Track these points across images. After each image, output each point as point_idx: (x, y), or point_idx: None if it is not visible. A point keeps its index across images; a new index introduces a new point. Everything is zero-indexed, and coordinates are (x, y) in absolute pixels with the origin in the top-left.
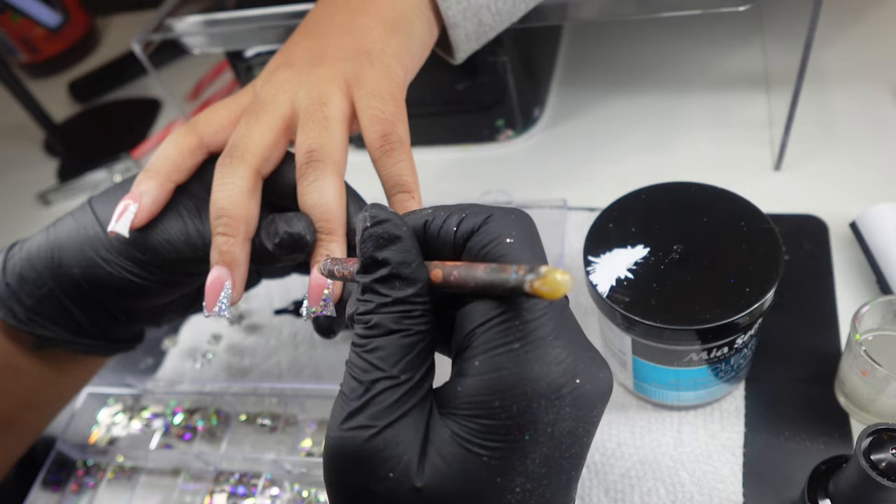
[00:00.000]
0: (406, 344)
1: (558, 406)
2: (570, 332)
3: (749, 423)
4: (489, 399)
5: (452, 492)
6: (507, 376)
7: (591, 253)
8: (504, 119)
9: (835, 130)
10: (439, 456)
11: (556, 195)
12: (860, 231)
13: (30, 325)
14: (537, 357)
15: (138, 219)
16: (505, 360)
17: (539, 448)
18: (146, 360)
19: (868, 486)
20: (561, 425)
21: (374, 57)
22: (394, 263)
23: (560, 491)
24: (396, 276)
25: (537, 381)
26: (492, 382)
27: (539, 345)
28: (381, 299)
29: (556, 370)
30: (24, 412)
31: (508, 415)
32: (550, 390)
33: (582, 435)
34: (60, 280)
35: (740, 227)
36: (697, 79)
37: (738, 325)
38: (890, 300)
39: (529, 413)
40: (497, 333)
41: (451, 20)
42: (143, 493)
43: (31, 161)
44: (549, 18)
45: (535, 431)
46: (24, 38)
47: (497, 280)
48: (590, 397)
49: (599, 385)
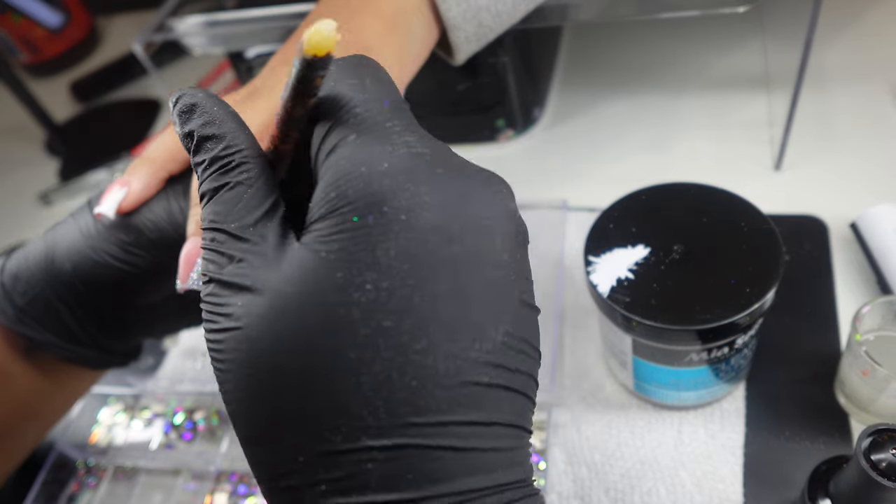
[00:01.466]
0: (230, 197)
1: (412, 192)
2: (430, 138)
3: (749, 423)
4: (327, 194)
5: (289, 291)
6: (343, 164)
7: (591, 253)
8: (504, 119)
9: (835, 130)
10: (281, 267)
11: (556, 195)
12: (860, 231)
13: (19, 326)
14: (379, 139)
15: (126, 202)
16: (341, 153)
17: (392, 238)
18: (147, 360)
19: (868, 486)
20: (423, 216)
21: (373, 54)
22: (197, 128)
23: (450, 303)
24: (205, 138)
25: (377, 160)
26: (330, 178)
27: (382, 132)
28: (202, 169)
29: (405, 152)
30: (18, 422)
31: (344, 200)
32: (397, 170)
33: (474, 248)
34: (53, 278)
35: (740, 228)
36: (697, 79)
37: (739, 326)
38: (890, 300)
39: (370, 194)
40: (333, 138)
41: (451, 22)
42: (143, 492)
43: (33, 161)
44: (549, 19)
45: (381, 216)
46: (25, 39)
47: (290, 81)
48: (465, 194)
49: (480, 181)
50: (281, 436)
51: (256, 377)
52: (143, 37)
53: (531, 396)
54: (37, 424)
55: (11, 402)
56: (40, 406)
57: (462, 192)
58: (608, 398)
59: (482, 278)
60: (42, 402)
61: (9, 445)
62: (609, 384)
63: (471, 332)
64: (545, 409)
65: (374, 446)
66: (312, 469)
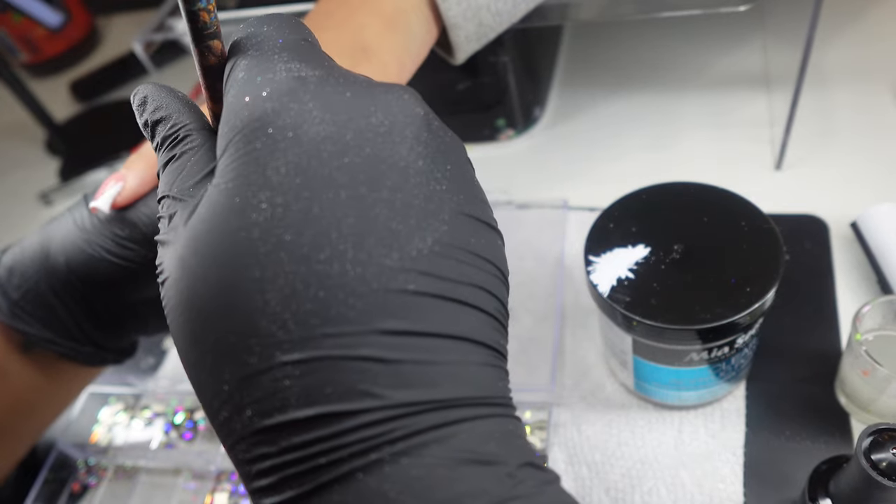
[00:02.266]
0: (176, 167)
1: (297, 110)
2: (325, 66)
3: (750, 422)
4: (221, 130)
5: (199, 229)
6: (230, 99)
7: (591, 253)
8: (505, 119)
9: (835, 130)
10: (196, 211)
11: (556, 195)
12: (861, 231)
13: (13, 320)
14: (263, 69)
15: (122, 197)
16: (230, 89)
17: (280, 155)
18: (147, 360)
19: (869, 485)
20: (311, 130)
21: (372, 53)
22: (149, 116)
23: (352, 212)
24: (156, 123)
25: (259, 87)
26: (223, 115)
27: (268, 63)
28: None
29: (286, 76)
30: (14, 420)
31: (234, 131)
32: (280, 92)
33: (374, 154)
34: (47, 272)
35: (741, 227)
36: (697, 78)
37: (739, 325)
38: (891, 300)
39: (254, 120)
40: (229, 80)
41: (451, 21)
42: (144, 492)
43: (33, 161)
44: (549, 19)
45: (266, 137)
46: (25, 38)
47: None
48: (359, 105)
49: (377, 93)
50: (209, 369)
51: (184, 317)
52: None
53: (490, 312)
54: (34, 422)
55: (8, 399)
56: (37, 403)
57: (356, 103)
58: (608, 398)
59: (389, 185)
60: (38, 399)
61: (6, 444)
62: (609, 384)
63: (383, 238)
64: (545, 408)
65: (288, 361)
66: (238, 395)
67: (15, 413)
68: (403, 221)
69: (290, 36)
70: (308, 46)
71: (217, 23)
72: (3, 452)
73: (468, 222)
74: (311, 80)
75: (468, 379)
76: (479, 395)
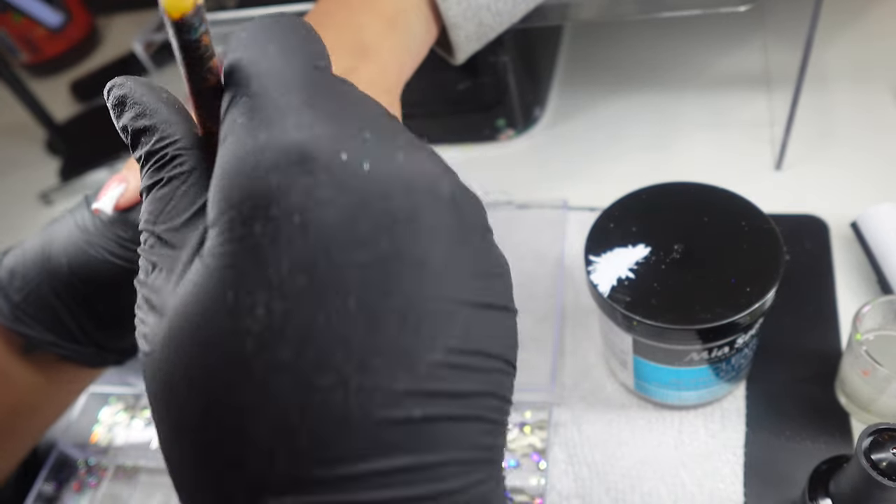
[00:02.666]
0: (163, 195)
1: (306, 185)
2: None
3: (750, 422)
4: (214, 195)
5: (183, 314)
6: (226, 158)
7: (591, 253)
8: (505, 119)
9: (835, 130)
10: (183, 280)
11: (556, 195)
12: (861, 231)
13: (15, 323)
14: (267, 121)
15: (124, 199)
16: (227, 143)
17: (285, 249)
18: None
19: (869, 485)
20: (320, 216)
21: (371, 52)
22: (129, 122)
23: (362, 324)
24: (138, 132)
25: (261, 151)
26: (216, 176)
27: (274, 111)
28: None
29: (295, 136)
30: (16, 420)
31: (228, 203)
32: (286, 160)
33: (392, 249)
34: (49, 274)
35: (741, 227)
36: (697, 79)
37: (739, 325)
38: (891, 300)
39: (254, 196)
40: (225, 123)
41: (451, 21)
42: (144, 492)
43: (33, 161)
44: (549, 18)
45: (267, 221)
46: (25, 38)
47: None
48: (377, 181)
49: (396, 167)
50: (189, 482)
51: (164, 409)
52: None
53: (495, 418)
54: (35, 423)
55: (9, 400)
56: (38, 404)
57: (375, 178)
58: (609, 398)
59: (404, 289)
60: (40, 400)
61: (7, 444)
62: (609, 384)
63: (392, 357)
64: (545, 408)
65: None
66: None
67: (16, 414)
68: (415, 333)
69: (299, 63)
70: (319, 77)
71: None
72: (5, 453)
73: (484, 317)
74: (324, 144)
75: (482, 498)
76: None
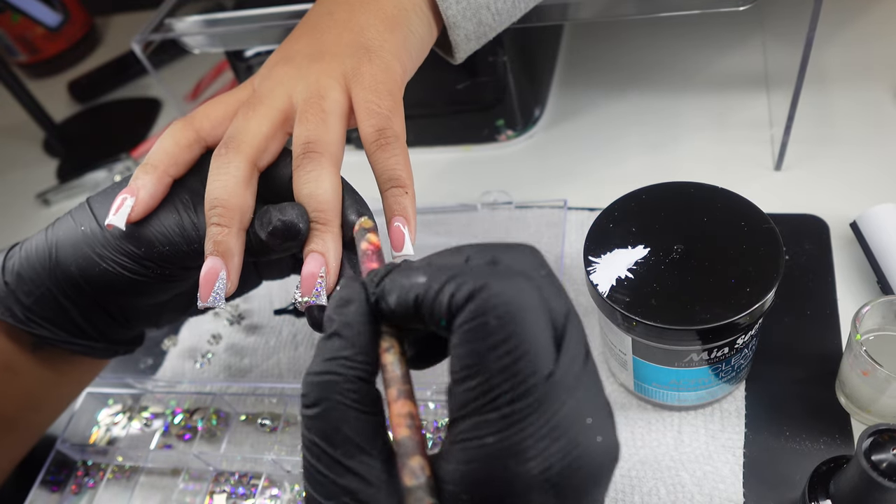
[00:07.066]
0: (337, 418)
1: (540, 499)
2: (569, 409)
3: (750, 423)
4: (460, 491)
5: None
6: (478, 472)
7: (591, 253)
8: (504, 119)
9: (835, 130)
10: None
11: (556, 195)
12: (861, 231)
13: (28, 325)
14: (512, 451)
15: (135, 212)
16: (477, 454)
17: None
18: (146, 361)
19: (869, 486)
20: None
21: (373, 53)
22: (331, 317)
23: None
24: (334, 334)
25: (510, 483)
26: (463, 476)
27: (518, 437)
28: (323, 353)
29: (535, 466)
30: (24, 414)
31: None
32: (528, 488)
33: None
34: (58, 279)
35: (741, 227)
36: (697, 79)
37: (739, 326)
38: (891, 300)
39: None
40: (472, 425)
41: (450, 20)
42: (142, 493)
43: (31, 161)
44: (549, 18)
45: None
46: (23, 38)
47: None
48: (585, 482)
49: (599, 464)
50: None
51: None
52: (142, 36)
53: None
54: (42, 416)
55: (18, 396)
56: (46, 398)
57: (588, 486)
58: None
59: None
60: (48, 394)
61: (15, 437)
62: (609, 384)
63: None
64: None
65: None
66: None
67: (25, 408)
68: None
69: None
70: (588, 368)
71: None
72: (13, 446)
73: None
74: (570, 456)
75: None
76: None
